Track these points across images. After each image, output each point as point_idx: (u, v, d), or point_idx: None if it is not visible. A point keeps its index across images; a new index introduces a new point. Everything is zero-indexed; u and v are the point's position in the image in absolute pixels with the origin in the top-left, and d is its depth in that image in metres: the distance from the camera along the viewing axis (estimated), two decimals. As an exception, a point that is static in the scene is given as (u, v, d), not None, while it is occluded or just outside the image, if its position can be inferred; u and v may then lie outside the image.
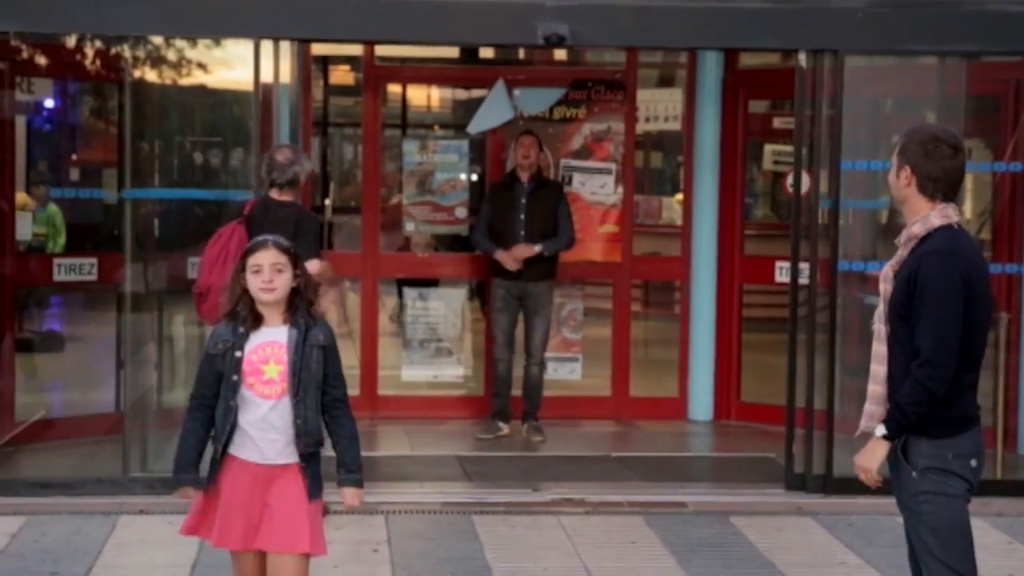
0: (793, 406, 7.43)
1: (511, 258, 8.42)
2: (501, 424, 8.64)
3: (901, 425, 4.03)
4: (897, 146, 4.18)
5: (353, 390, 9.02)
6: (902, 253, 4.12)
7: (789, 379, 7.44)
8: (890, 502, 4.32)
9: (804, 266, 7.47)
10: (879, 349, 4.14)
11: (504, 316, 8.58)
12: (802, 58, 7.36)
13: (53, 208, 9.41)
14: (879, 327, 4.15)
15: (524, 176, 8.55)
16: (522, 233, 8.45)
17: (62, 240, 9.35)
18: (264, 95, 7.35)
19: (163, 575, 5.95)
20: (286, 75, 7.55)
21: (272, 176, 6.62)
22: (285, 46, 7.27)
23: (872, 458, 4.09)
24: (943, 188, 4.06)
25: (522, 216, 8.47)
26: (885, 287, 4.15)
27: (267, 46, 7.22)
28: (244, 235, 6.33)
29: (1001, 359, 7.62)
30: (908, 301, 4.03)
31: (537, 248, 8.44)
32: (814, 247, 7.41)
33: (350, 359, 9.89)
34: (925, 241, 4.06)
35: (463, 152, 9.49)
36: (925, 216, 4.07)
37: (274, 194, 6.65)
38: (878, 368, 4.14)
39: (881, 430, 4.06)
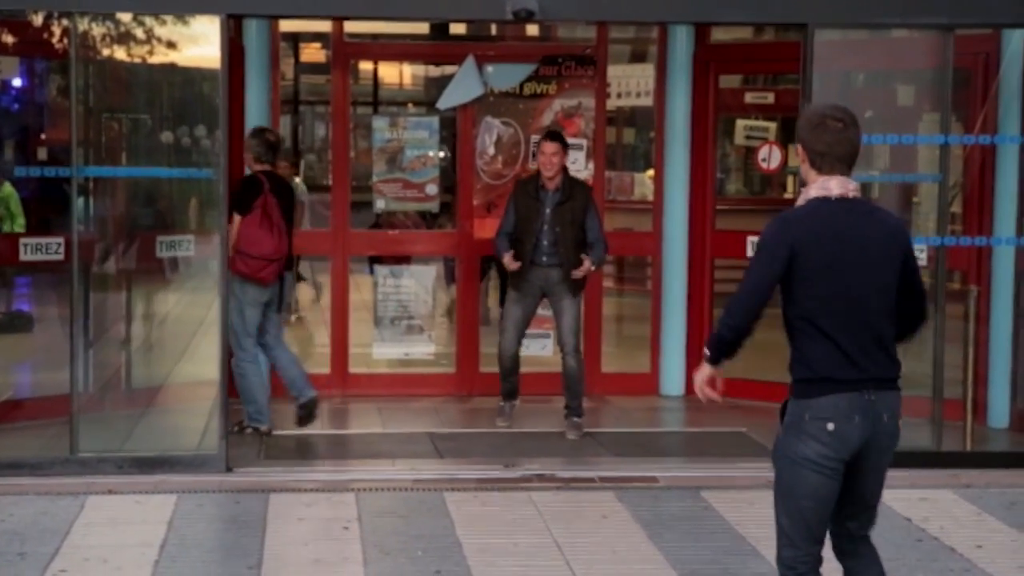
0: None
1: (513, 265, 7.96)
2: (511, 404, 8.41)
3: (708, 355, 4.30)
4: None
5: (324, 368, 9.14)
6: None
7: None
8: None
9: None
10: None
11: (518, 308, 8.15)
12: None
13: (8, 190, 9.29)
14: None
15: (550, 185, 7.98)
16: (545, 244, 7.98)
17: (21, 221, 9.25)
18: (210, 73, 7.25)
19: (132, 554, 5.91)
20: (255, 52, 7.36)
21: (274, 154, 7.77)
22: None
23: (697, 375, 4.36)
24: (830, 161, 4.18)
25: (546, 227, 7.97)
26: None
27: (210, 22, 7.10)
28: (278, 203, 7.59)
29: (971, 332, 7.65)
30: None
31: (589, 267, 7.93)
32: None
33: (322, 337, 9.87)
34: None
35: (433, 129, 9.43)
36: (806, 189, 4.22)
37: (267, 168, 7.72)
38: None
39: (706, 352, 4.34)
